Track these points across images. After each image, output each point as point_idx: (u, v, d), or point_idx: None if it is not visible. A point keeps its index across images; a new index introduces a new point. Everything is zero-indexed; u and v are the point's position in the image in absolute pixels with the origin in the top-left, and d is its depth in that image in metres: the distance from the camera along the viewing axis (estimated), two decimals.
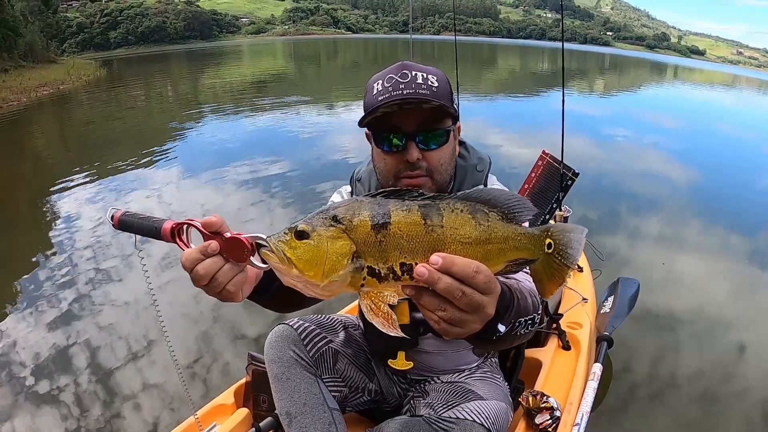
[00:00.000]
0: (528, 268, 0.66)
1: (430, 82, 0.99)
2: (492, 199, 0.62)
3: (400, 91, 0.97)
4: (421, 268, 0.56)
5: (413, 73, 0.99)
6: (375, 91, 1.01)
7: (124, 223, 0.80)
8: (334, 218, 0.59)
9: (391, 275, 0.59)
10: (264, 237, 0.63)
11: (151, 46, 74.36)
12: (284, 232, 0.60)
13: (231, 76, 21.74)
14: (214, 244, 0.67)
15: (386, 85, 0.99)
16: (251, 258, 0.67)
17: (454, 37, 3.46)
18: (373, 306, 0.60)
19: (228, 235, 0.67)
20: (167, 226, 0.74)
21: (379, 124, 1.02)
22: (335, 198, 1.25)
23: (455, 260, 0.56)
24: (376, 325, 0.59)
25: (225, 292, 0.70)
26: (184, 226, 0.73)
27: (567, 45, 2.30)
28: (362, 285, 0.60)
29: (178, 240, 0.73)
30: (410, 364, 1.23)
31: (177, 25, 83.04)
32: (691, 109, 15.90)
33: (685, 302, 3.18)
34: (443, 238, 0.59)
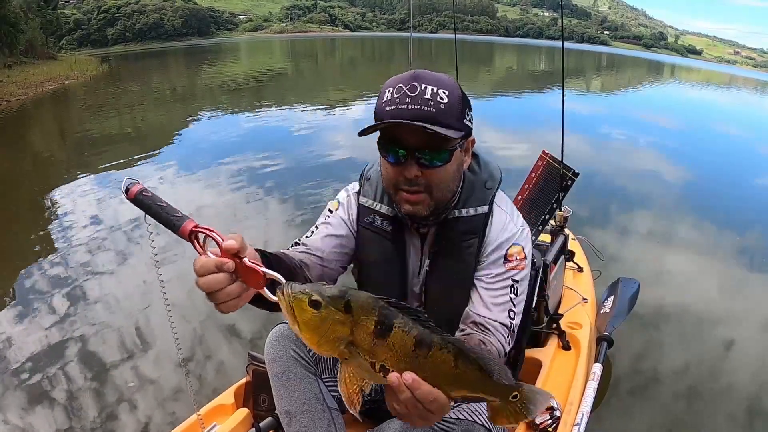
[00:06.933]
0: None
1: (439, 98, 0.96)
2: (479, 357, 0.69)
3: (405, 106, 0.95)
4: (393, 377, 0.66)
5: (423, 86, 0.96)
6: (384, 99, 0.99)
7: (140, 202, 0.76)
8: (347, 306, 0.65)
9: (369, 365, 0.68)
10: (283, 281, 0.67)
11: (149, 43, 73.90)
12: (301, 291, 0.65)
13: (229, 73, 21.69)
14: (230, 264, 0.68)
15: (395, 95, 0.97)
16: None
17: (453, 36, 3.44)
18: (348, 379, 0.68)
19: (247, 262, 0.69)
20: (188, 226, 0.72)
21: (384, 133, 1.01)
22: (341, 196, 1.22)
23: (421, 385, 0.66)
24: (341, 394, 0.68)
25: (223, 306, 0.71)
26: (202, 235, 0.72)
27: (565, 44, 2.29)
28: (345, 359, 0.68)
29: (194, 241, 0.72)
30: None
31: (174, 22, 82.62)
32: (690, 109, 15.95)
33: (686, 300, 3.19)
34: (423, 366, 0.67)
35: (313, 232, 1.18)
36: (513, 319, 1.11)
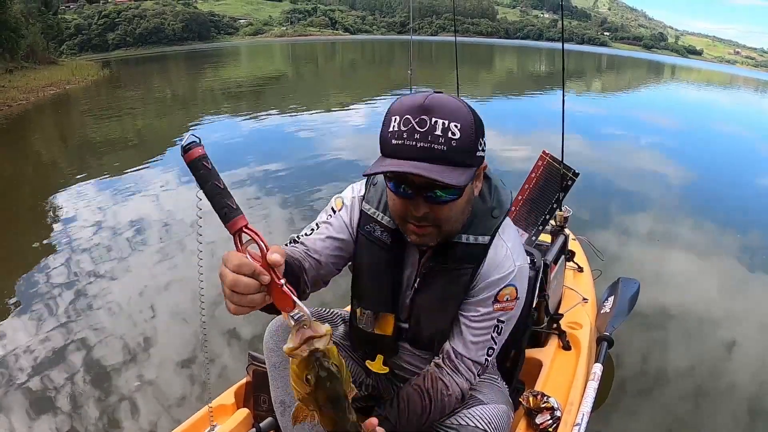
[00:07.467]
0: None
1: (450, 134, 0.89)
2: None
3: (414, 143, 0.89)
4: None
5: (433, 120, 0.88)
6: (390, 128, 0.92)
7: (196, 170, 0.68)
8: (331, 407, 0.71)
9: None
10: (308, 316, 0.68)
11: (150, 48, 73.95)
12: (314, 348, 0.67)
13: (230, 77, 21.74)
14: (266, 278, 0.68)
15: (402, 127, 0.90)
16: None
17: (454, 38, 3.45)
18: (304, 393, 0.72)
19: (285, 288, 0.69)
20: (240, 223, 0.69)
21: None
22: (346, 195, 1.19)
23: None
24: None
25: (238, 308, 0.70)
26: (245, 236, 0.69)
27: (565, 45, 2.29)
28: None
29: (237, 238, 0.70)
30: (386, 369, 1.24)
31: (175, 26, 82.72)
32: (690, 109, 15.96)
33: (686, 300, 3.19)
34: None
35: (313, 230, 1.16)
36: (490, 355, 1.12)
